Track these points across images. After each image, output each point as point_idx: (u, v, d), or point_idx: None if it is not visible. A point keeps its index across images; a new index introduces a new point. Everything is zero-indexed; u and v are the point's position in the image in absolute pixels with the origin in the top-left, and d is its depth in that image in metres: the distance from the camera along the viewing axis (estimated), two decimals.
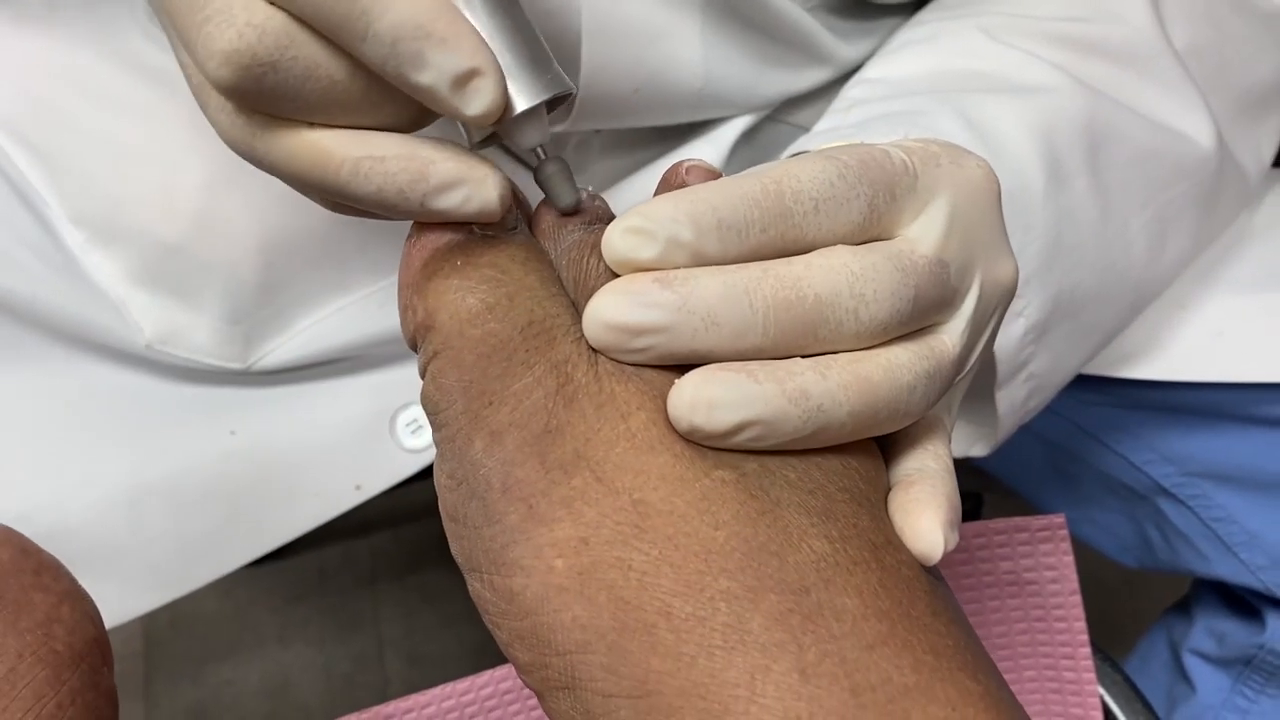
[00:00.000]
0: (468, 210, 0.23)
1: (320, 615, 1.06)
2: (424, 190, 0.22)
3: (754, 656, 0.19)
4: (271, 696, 1.01)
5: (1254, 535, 0.49)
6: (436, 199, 0.23)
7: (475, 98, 0.22)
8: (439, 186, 0.22)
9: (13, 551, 0.25)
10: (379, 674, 1.03)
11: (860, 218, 0.23)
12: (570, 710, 0.21)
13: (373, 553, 1.09)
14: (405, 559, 1.09)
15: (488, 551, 0.21)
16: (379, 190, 0.22)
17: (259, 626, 1.04)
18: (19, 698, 0.22)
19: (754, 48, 0.42)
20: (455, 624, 1.05)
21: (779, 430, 0.21)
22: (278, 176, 0.24)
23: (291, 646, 1.03)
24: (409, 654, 1.04)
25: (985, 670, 0.21)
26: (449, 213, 0.23)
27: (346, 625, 1.05)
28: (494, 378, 0.22)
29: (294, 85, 0.22)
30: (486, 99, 0.22)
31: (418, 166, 0.22)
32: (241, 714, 1.00)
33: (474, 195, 0.23)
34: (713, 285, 0.21)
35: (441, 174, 0.22)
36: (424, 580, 1.08)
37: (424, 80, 0.22)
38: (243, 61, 0.21)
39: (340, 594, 1.07)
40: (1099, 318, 0.41)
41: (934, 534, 0.22)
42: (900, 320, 0.23)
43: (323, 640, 1.04)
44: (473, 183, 0.23)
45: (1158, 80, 0.42)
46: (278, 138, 0.23)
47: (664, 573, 0.20)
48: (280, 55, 0.21)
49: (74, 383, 0.44)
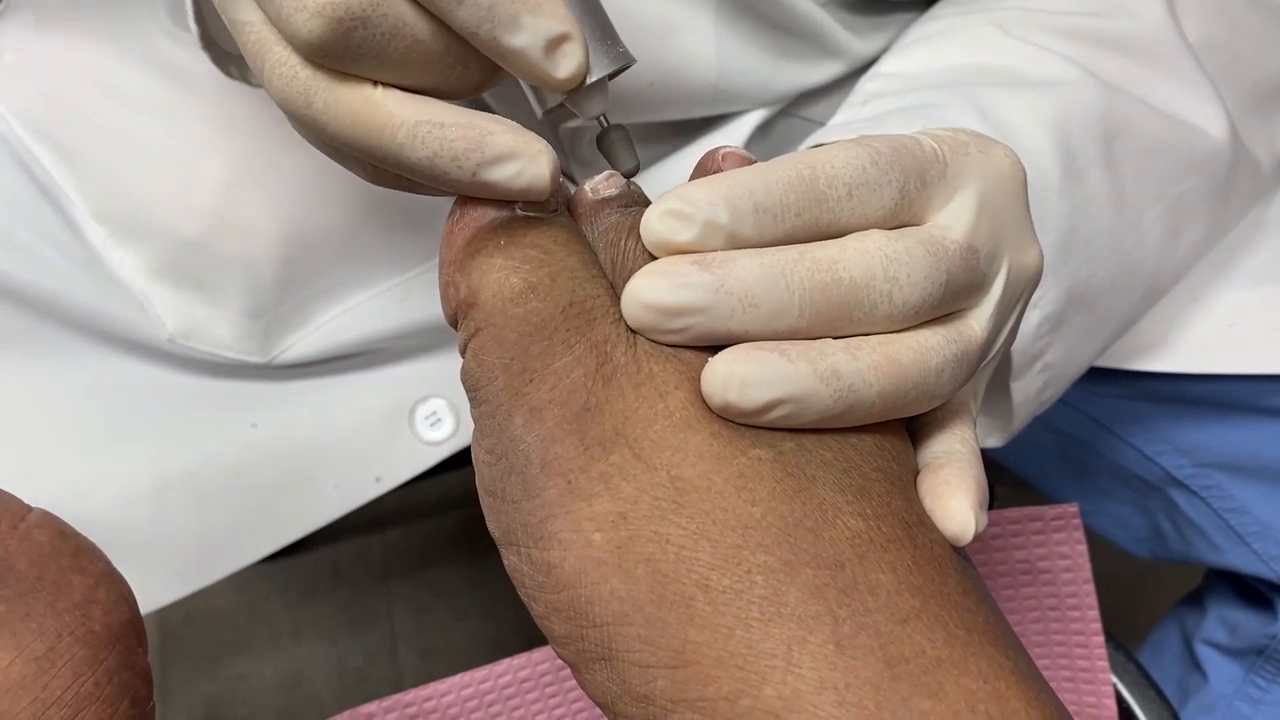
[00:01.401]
0: (518, 185, 0.23)
1: (334, 610, 1.06)
2: (478, 160, 0.23)
3: (790, 628, 0.19)
4: (285, 691, 1.02)
5: (1266, 525, 0.49)
6: (490, 170, 0.23)
7: (565, 61, 0.23)
8: (494, 158, 0.23)
9: (51, 534, 0.25)
10: (392, 668, 1.03)
11: (892, 203, 0.23)
12: (606, 682, 0.21)
13: (386, 548, 1.10)
14: (418, 554, 1.10)
15: (526, 525, 0.22)
16: (433, 156, 0.23)
17: (273, 622, 1.05)
18: (59, 675, 0.23)
19: (767, 42, 0.42)
20: (468, 618, 1.05)
21: (810, 408, 0.22)
22: (326, 140, 0.24)
23: (305, 641, 1.04)
24: (422, 648, 1.04)
25: (1014, 647, 0.21)
26: (498, 185, 0.23)
27: (360, 620, 1.06)
28: (535, 356, 0.22)
29: (379, 42, 0.22)
30: (574, 62, 0.23)
31: (476, 136, 0.23)
32: (255, 708, 1.00)
33: (526, 170, 0.23)
34: (750, 267, 0.22)
35: (499, 145, 0.23)
36: (436, 575, 1.08)
37: (517, 43, 0.22)
38: (336, 14, 0.21)
39: (353, 589, 1.07)
40: (1114, 309, 0.41)
41: (965, 515, 0.22)
42: (932, 304, 0.23)
43: (336, 635, 1.05)
44: (527, 158, 0.23)
45: (1171, 74, 0.42)
46: (340, 96, 0.23)
47: (702, 547, 0.20)
48: (372, 11, 0.22)
49: (97, 376, 0.45)
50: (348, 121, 0.23)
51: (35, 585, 0.24)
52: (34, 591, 0.24)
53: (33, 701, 0.22)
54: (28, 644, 0.23)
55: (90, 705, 0.23)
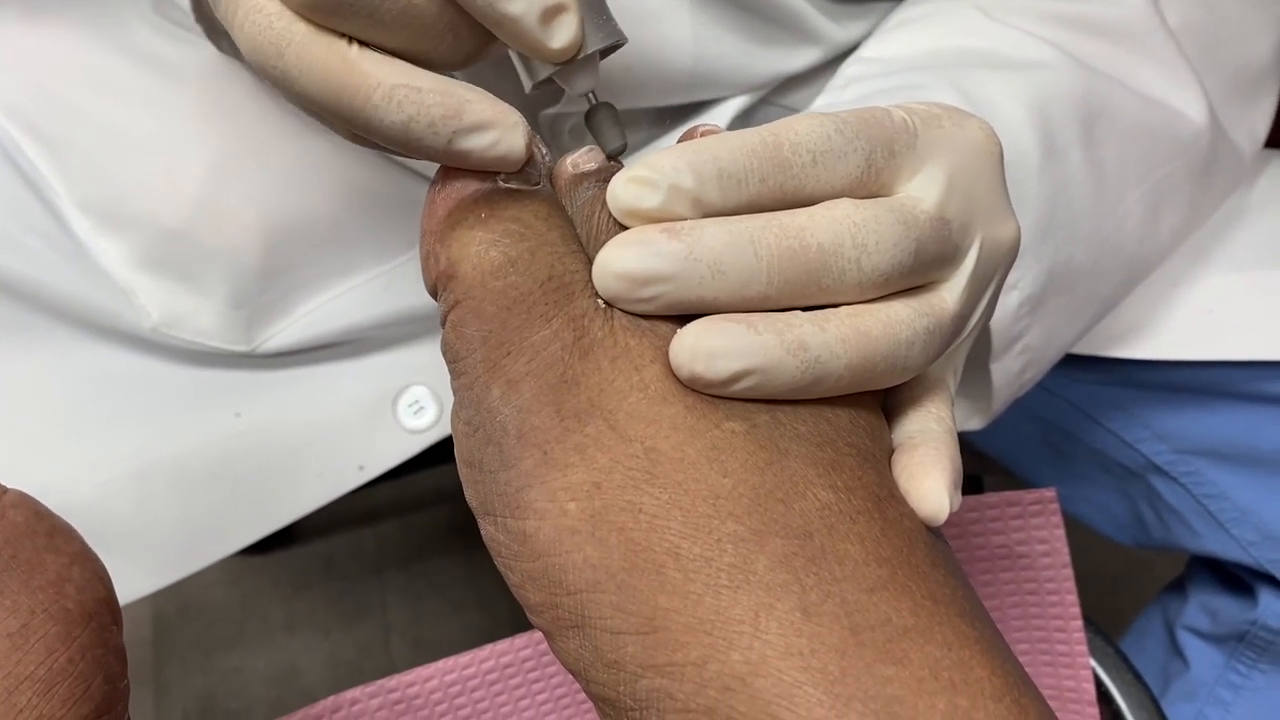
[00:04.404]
0: (493, 154, 0.23)
1: (327, 603, 1.06)
2: (455, 127, 0.22)
3: (758, 595, 0.20)
4: (278, 683, 1.02)
5: (1245, 511, 0.50)
6: (465, 138, 0.23)
7: (560, 31, 0.23)
8: (471, 125, 0.22)
9: (26, 514, 0.25)
10: (385, 660, 1.03)
11: (858, 171, 0.23)
12: (579, 649, 0.21)
13: (379, 541, 1.10)
14: (411, 547, 1.10)
15: (502, 495, 0.22)
16: (409, 120, 0.22)
17: (267, 615, 1.05)
18: (32, 651, 0.23)
19: (745, 28, 0.42)
20: (461, 611, 1.06)
21: (776, 380, 0.22)
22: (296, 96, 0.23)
23: (299, 634, 1.04)
24: (415, 641, 1.04)
25: (981, 618, 0.21)
26: (472, 154, 0.23)
27: (353, 613, 1.06)
28: (513, 329, 0.22)
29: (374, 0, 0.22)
30: (569, 33, 0.23)
31: (453, 103, 0.22)
32: (249, 700, 1.01)
33: (503, 140, 0.23)
34: (719, 234, 0.22)
35: (476, 114, 0.22)
36: (430, 568, 1.09)
37: (513, 10, 0.22)
38: None
39: (347, 582, 1.08)
40: (1093, 291, 0.41)
41: (939, 495, 0.22)
42: (902, 272, 0.23)
43: (329, 628, 1.05)
44: (504, 127, 0.23)
45: (1152, 58, 0.42)
46: (316, 51, 0.22)
47: (673, 516, 0.20)
48: None
49: (81, 366, 0.45)
50: (319, 78, 0.22)
51: (9, 564, 0.24)
52: (8, 569, 0.24)
53: (5, 677, 0.23)
54: (1, 620, 0.23)
55: (63, 681, 0.23)
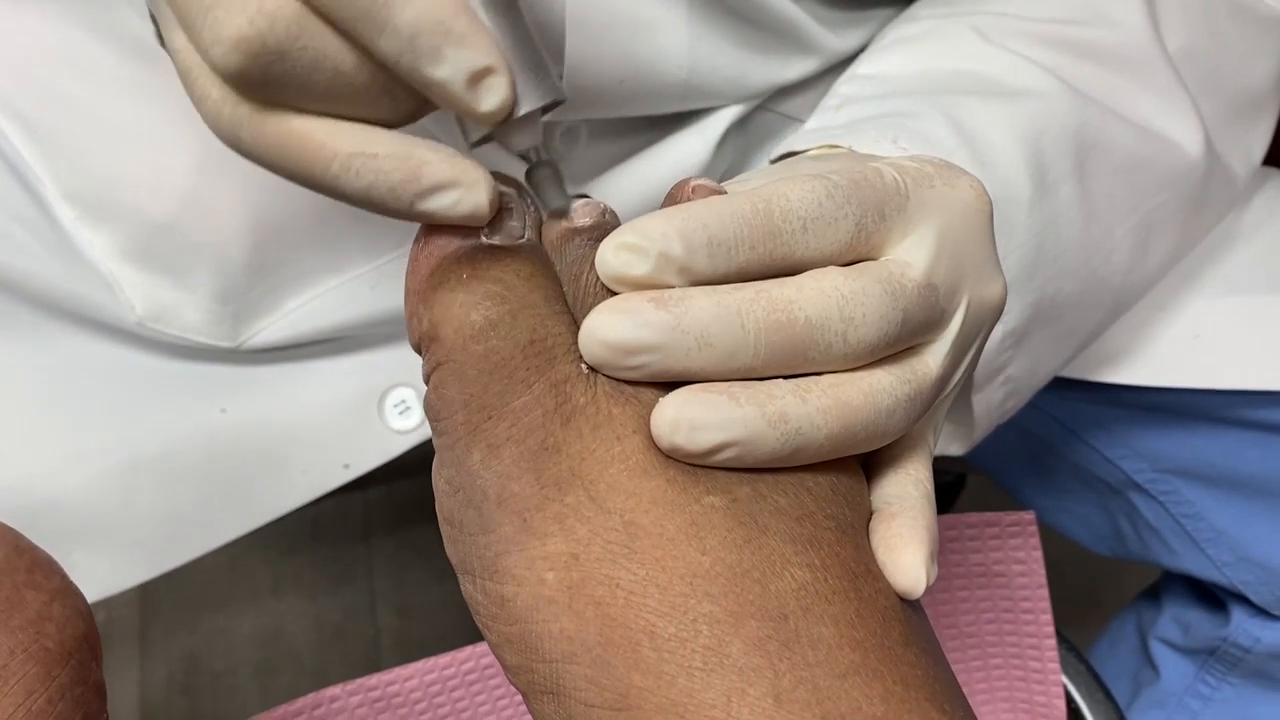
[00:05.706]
0: (457, 213, 0.23)
1: (313, 567, 1.07)
2: (415, 191, 0.22)
3: (731, 679, 0.20)
4: (264, 645, 1.03)
5: (1221, 532, 0.50)
6: (427, 200, 0.23)
7: (489, 95, 0.23)
8: (430, 188, 0.23)
9: (6, 549, 0.25)
10: (370, 625, 1.04)
11: (848, 237, 0.23)
12: (554, 714, 0.21)
13: (366, 507, 1.11)
14: (398, 514, 1.11)
15: (482, 558, 0.22)
16: (369, 187, 0.22)
17: (253, 577, 1.06)
18: (11, 693, 0.23)
19: (741, 38, 0.42)
20: (446, 578, 1.06)
21: (757, 451, 0.22)
22: (265, 167, 0.24)
23: (285, 597, 1.05)
24: (400, 606, 1.05)
25: (952, 700, 0.21)
26: (437, 214, 0.23)
27: (339, 577, 1.07)
28: (495, 394, 0.22)
29: (300, 74, 0.22)
30: (498, 96, 0.23)
31: (411, 166, 0.22)
32: (234, 661, 1.02)
33: (465, 199, 0.23)
34: (707, 306, 0.22)
35: (434, 175, 0.23)
36: (416, 535, 1.09)
37: (439, 75, 0.22)
38: (252, 49, 0.21)
39: (334, 546, 1.08)
40: (1078, 323, 0.41)
41: (916, 571, 0.22)
42: (887, 342, 0.23)
43: (315, 592, 1.06)
44: (465, 186, 0.23)
45: (1149, 86, 0.42)
46: (269, 127, 0.22)
47: (650, 593, 0.20)
48: (290, 44, 0.21)
49: (67, 358, 0.45)
50: (278, 155, 0.23)
51: None
52: None
53: None
54: None
55: None
